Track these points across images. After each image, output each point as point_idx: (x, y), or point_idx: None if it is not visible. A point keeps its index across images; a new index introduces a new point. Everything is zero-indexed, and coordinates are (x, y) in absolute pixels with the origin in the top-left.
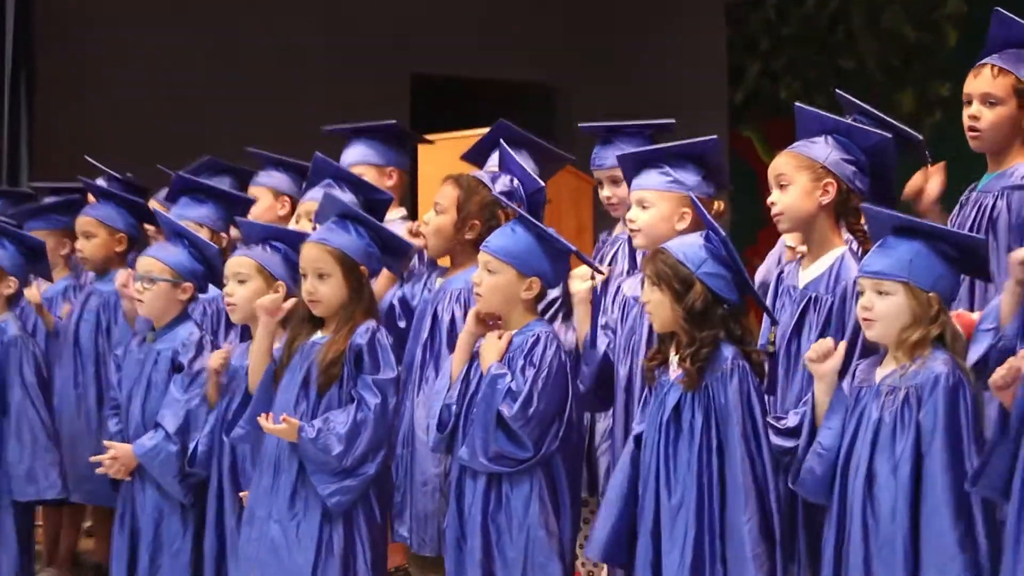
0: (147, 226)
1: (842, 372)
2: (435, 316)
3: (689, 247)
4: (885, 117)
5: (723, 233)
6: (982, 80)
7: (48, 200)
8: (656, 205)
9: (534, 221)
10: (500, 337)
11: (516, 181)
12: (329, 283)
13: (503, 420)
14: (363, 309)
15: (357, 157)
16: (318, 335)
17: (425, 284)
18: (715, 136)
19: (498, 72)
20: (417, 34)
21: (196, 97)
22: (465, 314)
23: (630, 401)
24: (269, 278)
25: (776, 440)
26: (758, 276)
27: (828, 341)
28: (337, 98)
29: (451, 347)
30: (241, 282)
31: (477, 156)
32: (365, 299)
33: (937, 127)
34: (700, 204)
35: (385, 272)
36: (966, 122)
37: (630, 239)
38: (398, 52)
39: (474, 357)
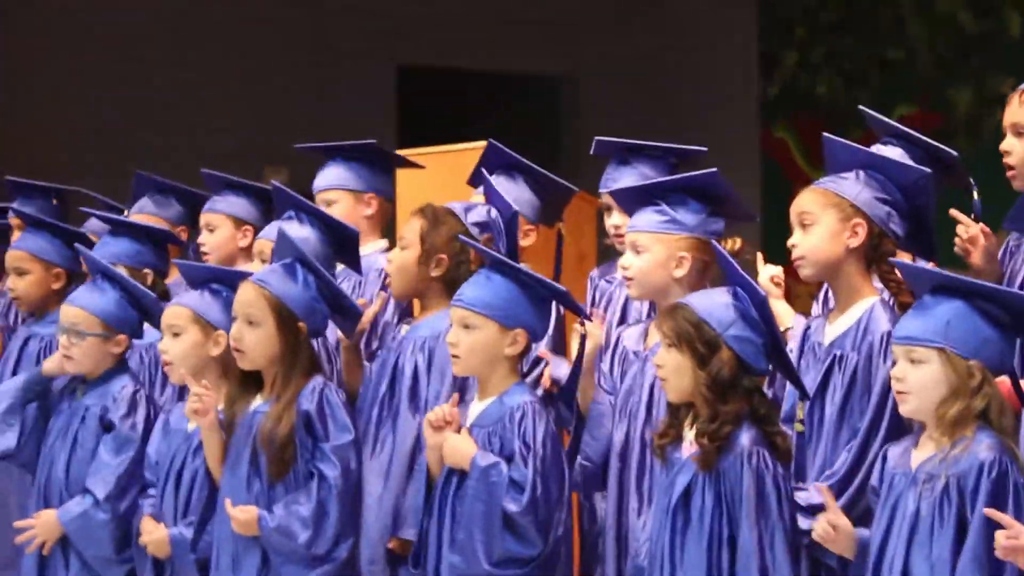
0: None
1: (869, 443)
2: (395, 368)
3: (715, 304)
4: (920, 136)
5: (761, 292)
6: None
7: None
8: (650, 249)
9: (511, 264)
10: (458, 431)
11: (495, 212)
12: (257, 333)
13: (508, 518)
14: (302, 370)
15: (331, 180)
16: (259, 401)
17: (391, 335)
18: (715, 169)
19: (496, 63)
20: (404, 21)
21: (152, 98)
22: (429, 365)
23: (625, 471)
24: (207, 327)
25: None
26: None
27: (837, 525)
28: (312, 95)
29: (412, 406)
30: (176, 335)
31: (476, 181)
32: (303, 359)
33: (999, 128)
34: (725, 254)
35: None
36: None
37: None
38: (383, 41)
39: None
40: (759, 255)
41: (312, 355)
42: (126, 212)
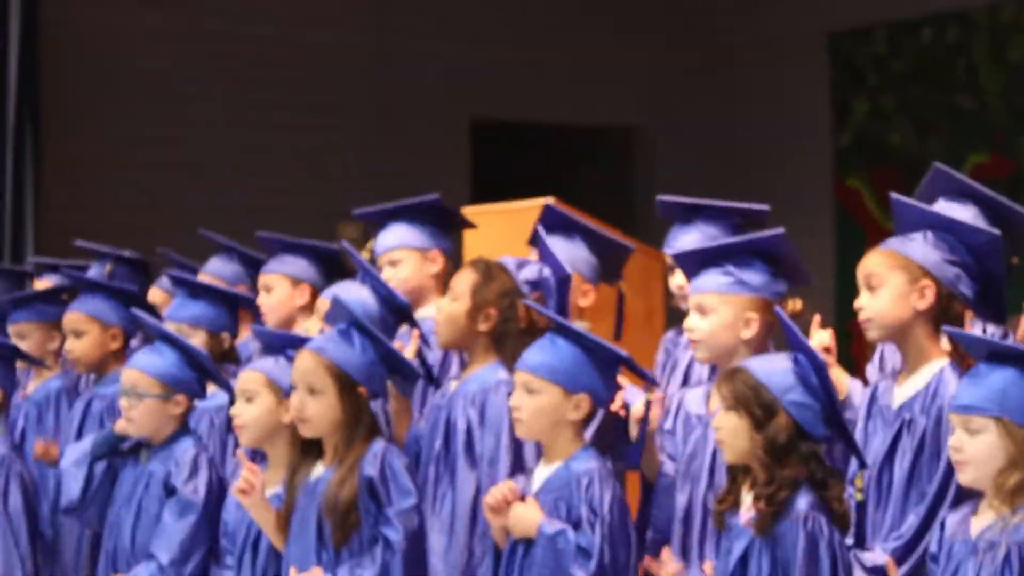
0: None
1: (936, 508)
2: (448, 423)
3: (774, 369)
4: (994, 196)
5: (820, 357)
6: None
7: (44, 284)
8: (717, 311)
9: (575, 328)
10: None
11: (547, 271)
12: (319, 401)
13: None
14: (363, 434)
15: (395, 240)
16: (319, 469)
17: (439, 389)
18: (781, 229)
19: (569, 115)
20: (477, 75)
21: (226, 154)
22: (482, 419)
23: (687, 535)
24: (280, 393)
25: None
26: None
27: None
28: (385, 150)
29: (469, 460)
30: (249, 400)
31: (535, 241)
32: (365, 422)
33: None
34: (788, 319)
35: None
36: None
37: None
38: (455, 96)
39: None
40: (815, 318)
41: (373, 418)
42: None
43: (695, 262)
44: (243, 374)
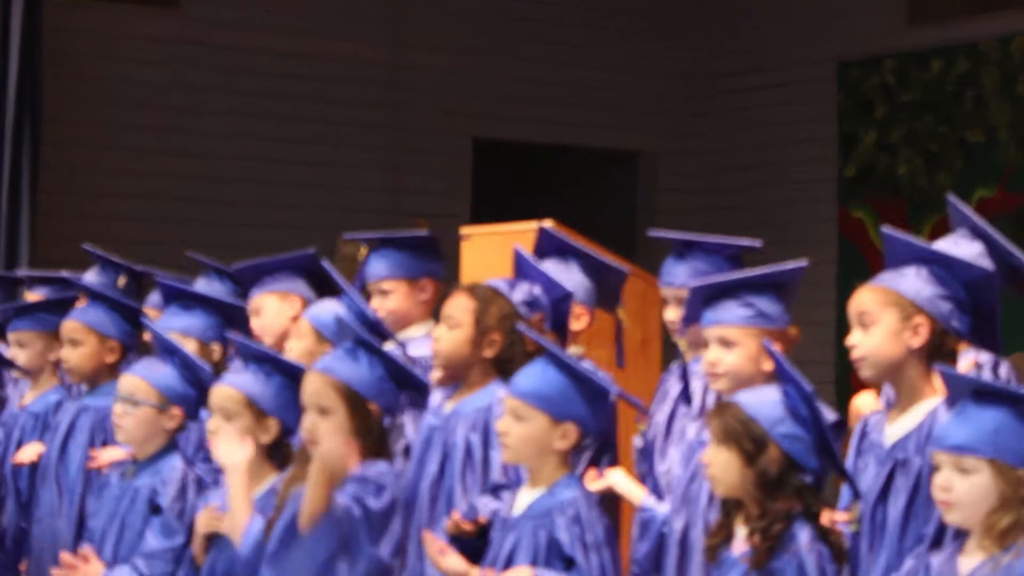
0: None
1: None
2: (446, 444)
3: (764, 402)
4: (1001, 243)
5: (807, 387)
6: None
7: (35, 296)
8: (741, 343)
9: (567, 359)
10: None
11: (538, 288)
12: (330, 421)
13: None
14: (366, 452)
15: (384, 271)
16: None
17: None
18: (804, 263)
19: (573, 137)
20: (481, 95)
21: (224, 169)
22: (484, 441)
23: (685, 559)
24: (259, 414)
25: None
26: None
27: None
28: (387, 169)
29: (464, 484)
30: (228, 418)
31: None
32: (372, 440)
33: None
34: (776, 352)
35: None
36: None
37: (684, 372)
38: (459, 115)
39: None
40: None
41: (380, 437)
42: None
43: (712, 294)
44: (220, 389)
